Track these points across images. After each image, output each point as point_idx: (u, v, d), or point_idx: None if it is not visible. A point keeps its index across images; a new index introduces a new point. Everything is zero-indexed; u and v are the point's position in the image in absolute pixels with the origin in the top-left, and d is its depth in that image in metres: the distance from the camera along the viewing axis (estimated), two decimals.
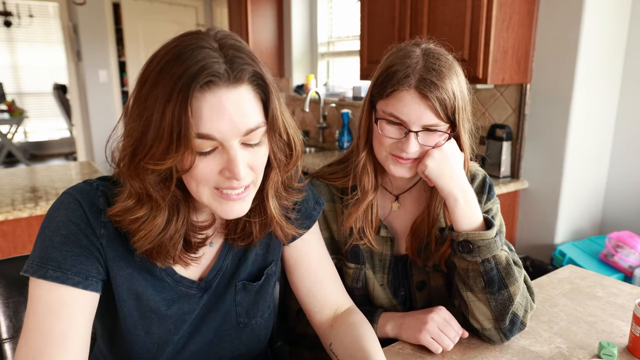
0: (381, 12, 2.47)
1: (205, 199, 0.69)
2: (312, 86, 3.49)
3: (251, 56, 0.66)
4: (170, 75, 0.60)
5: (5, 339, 0.90)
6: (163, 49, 0.64)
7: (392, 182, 1.03)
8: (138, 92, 0.64)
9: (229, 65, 0.62)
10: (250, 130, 0.65)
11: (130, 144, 0.64)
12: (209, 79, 0.60)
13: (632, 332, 0.89)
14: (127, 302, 0.75)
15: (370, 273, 1.03)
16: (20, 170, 2.44)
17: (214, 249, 0.83)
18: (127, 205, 0.68)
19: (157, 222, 0.69)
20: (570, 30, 2.00)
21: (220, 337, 0.86)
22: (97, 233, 0.71)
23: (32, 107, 7.10)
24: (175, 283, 0.79)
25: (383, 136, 0.90)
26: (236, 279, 0.85)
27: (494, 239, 0.86)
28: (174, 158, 0.62)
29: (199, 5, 5.77)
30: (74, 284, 0.68)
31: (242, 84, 0.64)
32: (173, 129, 0.60)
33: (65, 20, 5.51)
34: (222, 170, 0.66)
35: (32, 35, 6.80)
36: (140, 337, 0.78)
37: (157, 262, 0.73)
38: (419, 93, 0.85)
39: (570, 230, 2.25)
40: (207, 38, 0.64)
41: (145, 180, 0.65)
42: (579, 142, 2.12)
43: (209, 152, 0.65)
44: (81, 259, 0.69)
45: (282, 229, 0.82)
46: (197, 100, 0.61)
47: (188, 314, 0.81)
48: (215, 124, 0.62)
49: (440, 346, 0.89)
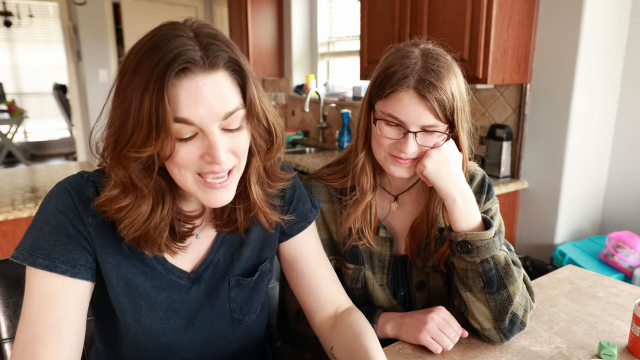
0: (381, 12, 2.47)
1: (189, 186, 0.70)
2: (312, 86, 3.49)
3: (227, 43, 0.67)
4: (147, 64, 0.62)
5: (5, 339, 0.90)
6: (141, 41, 0.65)
7: (390, 182, 1.03)
8: (119, 83, 0.65)
9: (204, 52, 0.64)
10: (229, 114, 0.66)
11: (113, 134, 0.66)
12: (184, 65, 0.62)
13: (632, 332, 0.89)
14: (116, 289, 0.77)
15: (370, 273, 1.03)
16: (20, 170, 2.44)
17: (207, 242, 0.84)
18: (112, 194, 0.70)
19: (142, 211, 0.70)
20: (570, 30, 2.00)
21: (216, 334, 0.86)
22: (85, 222, 0.73)
23: (32, 107, 7.10)
24: (166, 271, 0.80)
25: (382, 137, 0.90)
26: (230, 274, 0.86)
27: (493, 239, 0.86)
28: (155, 145, 0.63)
29: (199, 5, 5.77)
30: (62, 272, 0.71)
31: (218, 69, 0.65)
32: (152, 116, 0.61)
33: (65, 20, 5.51)
34: (203, 155, 0.67)
35: (32, 35, 6.80)
36: (131, 327, 0.79)
37: (145, 250, 0.74)
38: (418, 94, 0.85)
39: (570, 230, 2.25)
40: (183, 28, 0.66)
41: (128, 168, 0.67)
42: (579, 142, 2.12)
43: (190, 138, 0.66)
44: (69, 248, 0.72)
45: (266, 216, 0.83)
46: (174, 87, 0.62)
47: (178, 304, 0.82)
48: (193, 109, 0.63)
49: (440, 346, 0.89)
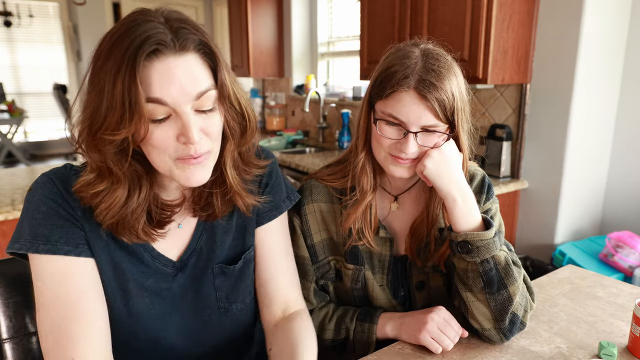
0: (381, 12, 2.47)
1: (167, 167, 0.71)
2: (312, 86, 3.49)
3: (196, 27, 0.69)
4: (119, 48, 0.63)
5: (5, 339, 0.90)
6: (114, 28, 0.67)
7: (390, 182, 1.03)
8: (92, 68, 0.67)
9: (174, 35, 0.65)
10: (201, 94, 0.67)
11: (87, 117, 0.67)
12: (154, 47, 0.63)
13: (632, 332, 0.89)
14: (106, 272, 0.78)
15: (370, 274, 1.03)
16: (20, 170, 2.44)
17: (189, 230, 0.85)
18: (88, 179, 0.71)
19: (118, 195, 0.71)
20: (570, 30, 2.00)
21: (203, 322, 0.87)
22: (73, 206, 0.74)
23: (32, 107, 7.10)
24: (152, 259, 0.81)
25: (382, 137, 0.90)
26: (213, 262, 0.86)
27: (493, 239, 0.86)
28: (129, 127, 0.64)
29: (199, 5, 5.77)
30: (66, 253, 0.72)
31: (189, 51, 0.67)
32: (124, 98, 0.62)
33: (65, 20, 5.52)
34: (178, 136, 0.68)
35: (32, 35, 6.79)
36: (120, 311, 0.80)
37: (124, 237, 0.75)
38: (418, 94, 0.85)
39: (570, 230, 2.25)
40: (154, 14, 0.68)
41: (103, 152, 0.68)
42: (579, 142, 2.12)
43: (163, 119, 0.67)
44: (66, 229, 0.73)
45: (243, 199, 0.84)
46: (146, 69, 0.64)
47: (164, 291, 0.83)
48: (165, 89, 0.65)
49: (440, 346, 0.89)
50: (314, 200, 1.03)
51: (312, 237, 1.03)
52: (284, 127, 4.08)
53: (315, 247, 1.04)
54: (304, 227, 1.03)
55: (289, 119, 4.04)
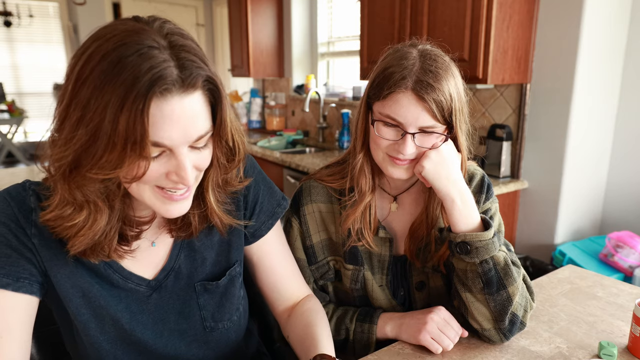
0: (381, 12, 2.47)
1: (147, 198, 0.68)
2: (312, 86, 3.49)
3: (202, 58, 0.64)
4: (120, 80, 0.56)
5: None
6: (103, 45, 0.58)
7: (389, 182, 1.03)
8: (74, 92, 0.59)
9: (181, 71, 0.60)
10: (200, 137, 0.65)
11: (71, 153, 0.60)
12: (164, 87, 0.58)
13: (632, 332, 0.89)
14: (73, 300, 0.74)
15: (369, 274, 1.03)
16: (20, 170, 2.44)
17: (164, 249, 0.82)
18: (63, 213, 0.66)
19: (98, 226, 0.67)
20: (570, 30, 2.00)
21: (188, 343, 0.85)
22: (29, 233, 0.69)
23: (32, 107, 7.10)
24: (123, 279, 0.77)
25: (380, 138, 0.90)
26: (194, 279, 0.84)
27: (492, 240, 0.86)
28: (127, 167, 0.60)
29: (199, 5, 5.77)
30: (3, 286, 0.67)
31: (196, 90, 0.62)
32: (128, 138, 0.57)
33: (65, 20, 5.51)
34: (168, 173, 0.65)
35: (32, 35, 6.79)
36: (95, 338, 0.77)
37: (91, 258, 0.71)
38: (416, 95, 0.85)
39: (570, 230, 2.25)
40: (152, 34, 0.60)
41: (86, 188, 0.63)
42: (579, 142, 2.12)
43: (157, 156, 0.63)
44: (11, 260, 0.68)
45: (221, 220, 0.82)
46: (151, 109, 0.59)
47: (139, 314, 0.79)
48: (166, 132, 0.61)
49: (440, 346, 0.89)
50: (313, 200, 1.03)
51: (311, 237, 1.03)
52: (284, 127, 4.08)
53: (314, 247, 1.04)
54: (303, 227, 1.03)
55: (289, 119, 4.04)
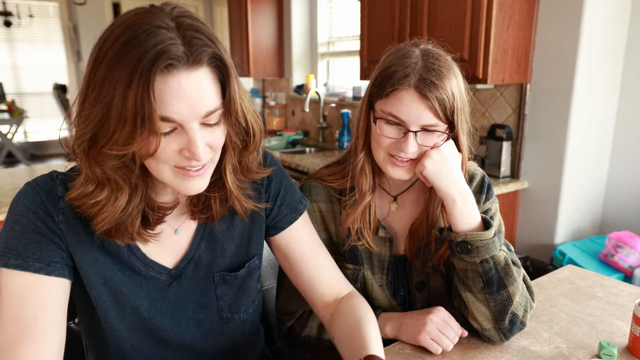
0: (381, 12, 2.47)
1: (165, 176, 0.69)
2: (312, 86, 3.49)
3: (210, 36, 0.65)
4: (128, 58, 0.59)
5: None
6: (117, 29, 0.62)
7: (389, 182, 1.03)
8: (93, 74, 0.62)
9: (187, 48, 0.62)
10: (209, 113, 0.66)
11: (89, 130, 0.63)
12: (168, 62, 0.60)
13: (632, 332, 0.89)
14: (96, 287, 0.76)
15: (369, 274, 1.03)
16: (20, 170, 2.44)
17: (186, 237, 0.83)
18: (86, 190, 0.68)
19: (119, 204, 0.69)
20: (570, 30, 2.00)
21: (204, 333, 0.86)
22: (56, 219, 0.72)
23: (32, 107, 7.10)
24: (145, 267, 0.79)
25: (381, 136, 0.90)
26: (214, 270, 0.85)
27: (492, 240, 0.86)
28: (139, 142, 0.62)
29: (199, 5, 5.78)
30: (36, 270, 0.69)
31: (201, 66, 0.63)
32: (137, 113, 0.59)
33: (65, 20, 5.52)
34: (181, 150, 0.66)
35: (32, 35, 6.79)
36: (115, 326, 0.78)
37: (117, 240, 0.73)
38: (419, 93, 0.85)
39: (570, 230, 2.25)
40: (162, 16, 0.62)
41: (105, 165, 0.65)
42: (579, 142, 2.12)
43: (168, 132, 0.65)
44: (41, 246, 0.70)
45: (241, 204, 0.82)
46: (158, 84, 0.61)
47: (159, 302, 0.81)
48: (175, 107, 0.62)
49: (440, 347, 0.89)
50: (313, 200, 1.03)
51: None
52: (284, 127, 4.08)
53: None
54: None
55: (289, 119, 4.04)
